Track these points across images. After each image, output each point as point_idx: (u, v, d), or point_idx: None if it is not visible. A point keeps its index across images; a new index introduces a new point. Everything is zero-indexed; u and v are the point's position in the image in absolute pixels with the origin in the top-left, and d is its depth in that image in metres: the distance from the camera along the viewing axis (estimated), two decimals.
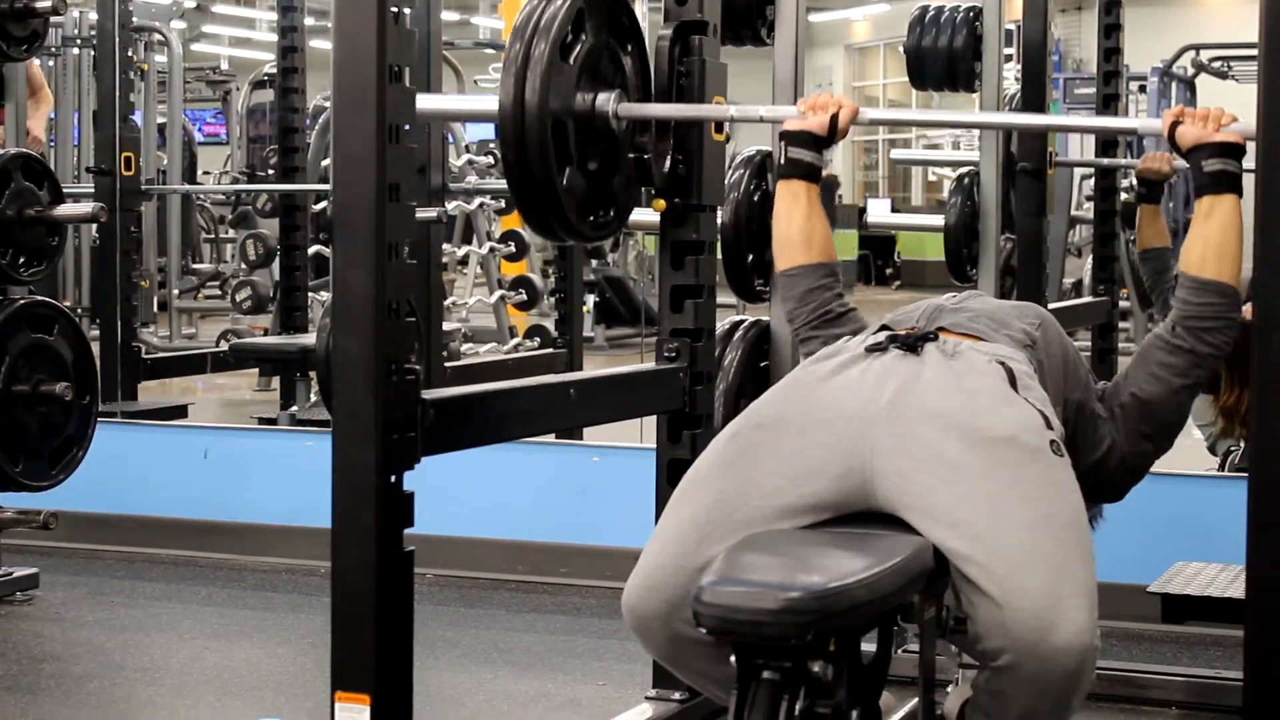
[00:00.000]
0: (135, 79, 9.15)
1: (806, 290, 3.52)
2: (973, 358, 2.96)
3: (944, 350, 2.97)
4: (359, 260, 2.88)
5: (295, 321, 8.39)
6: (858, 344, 3.04)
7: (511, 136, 3.40)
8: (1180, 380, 3.22)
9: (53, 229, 5.44)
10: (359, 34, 2.89)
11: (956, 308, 3.23)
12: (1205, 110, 3.21)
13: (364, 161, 2.88)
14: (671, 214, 3.89)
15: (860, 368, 2.95)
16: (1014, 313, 3.27)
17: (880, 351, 2.98)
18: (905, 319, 3.19)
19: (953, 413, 2.82)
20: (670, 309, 3.94)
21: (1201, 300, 3.18)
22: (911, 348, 2.97)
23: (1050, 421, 2.88)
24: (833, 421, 2.86)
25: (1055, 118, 5.95)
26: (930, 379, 2.89)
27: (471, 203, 10.44)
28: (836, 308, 3.51)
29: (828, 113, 3.51)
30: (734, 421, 3.00)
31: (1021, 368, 2.99)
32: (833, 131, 3.50)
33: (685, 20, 3.89)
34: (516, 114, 3.38)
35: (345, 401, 2.92)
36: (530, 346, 10.29)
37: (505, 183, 3.60)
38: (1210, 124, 3.18)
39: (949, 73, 5.99)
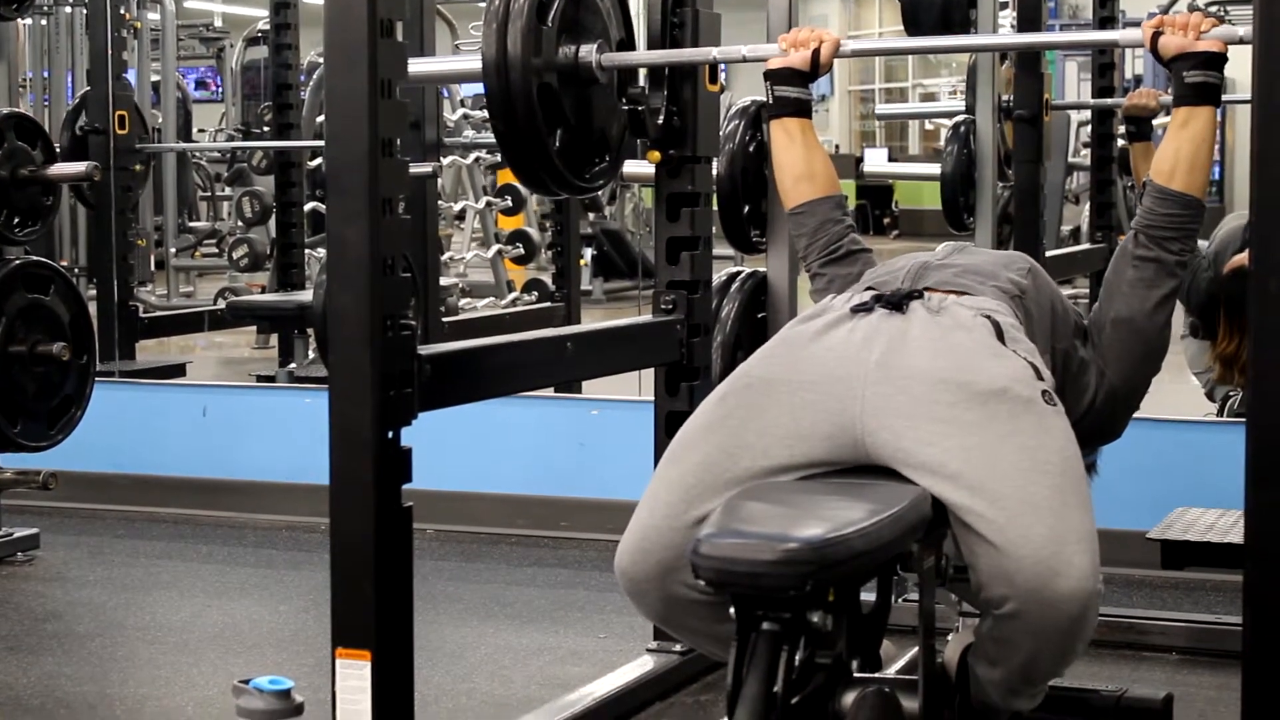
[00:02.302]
0: (128, 37, 9.11)
1: (818, 225, 3.51)
2: (958, 313, 2.94)
3: (929, 307, 2.95)
4: (353, 216, 2.87)
5: (292, 279, 8.37)
6: (843, 303, 3.02)
7: (497, 92, 3.40)
8: (1153, 291, 3.22)
9: (47, 188, 5.44)
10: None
11: (942, 264, 3.20)
12: (1185, 17, 3.19)
13: (356, 117, 2.87)
14: (667, 166, 3.89)
15: (847, 328, 2.94)
16: (1001, 263, 3.25)
17: (866, 311, 2.96)
18: (890, 278, 3.16)
19: (942, 369, 2.81)
20: (667, 261, 3.93)
21: (1167, 211, 3.18)
22: (897, 306, 2.95)
23: (1040, 372, 2.87)
24: (821, 382, 2.85)
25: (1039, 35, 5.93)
26: (917, 336, 2.88)
27: (467, 157, 10.42)
28: (848, 244, 3.49)
29: (809, 47, 3.50)
30: (723, 383, 2.98)
31: (1008, 320, 2.97)
32: (815, 65, 3.50)
33: None
34: (500, 69, 3.39)
35: (342, 358, 2.92)
36: (528, 301, 10.28)
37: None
38: (1191, 32, 3.16)
39: (945, 20, 5.96)
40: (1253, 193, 2.54)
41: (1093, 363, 3.25)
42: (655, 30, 3.85)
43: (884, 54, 19.21)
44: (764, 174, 4.33)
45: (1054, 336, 3.17)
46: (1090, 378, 3.24)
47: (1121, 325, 3.24)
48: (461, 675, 4.30)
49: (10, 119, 5.36)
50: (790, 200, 3.56)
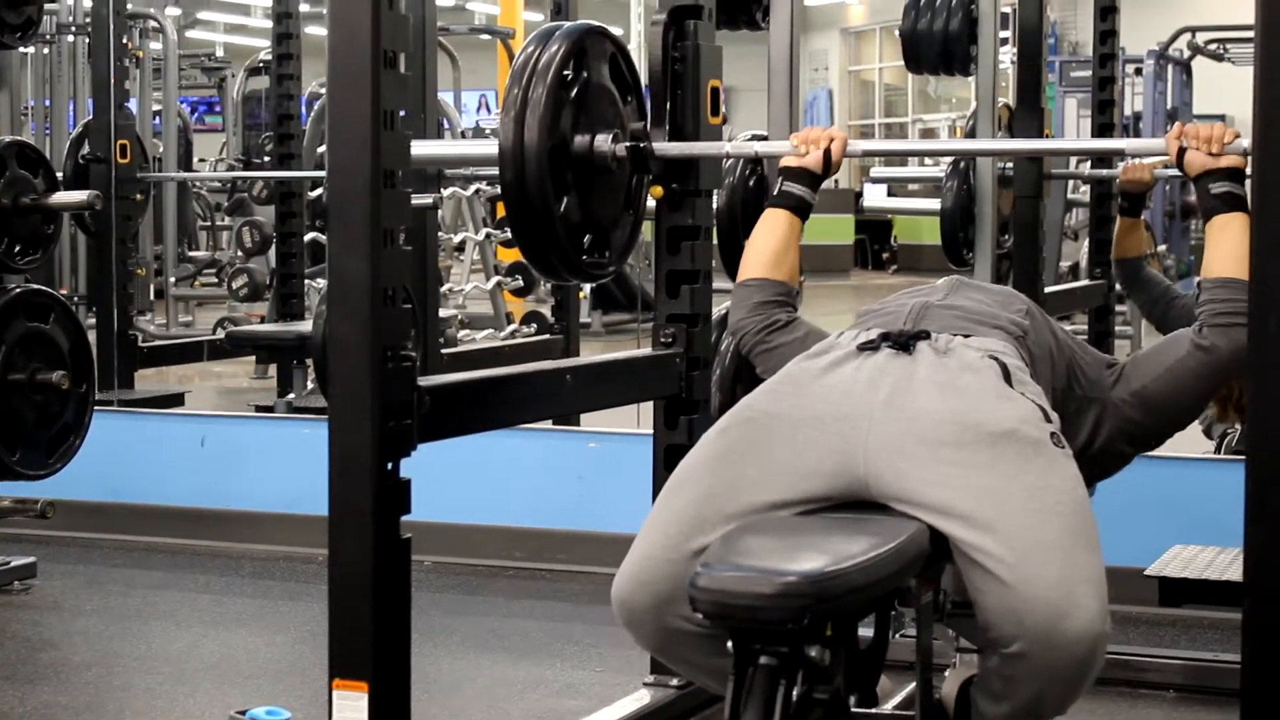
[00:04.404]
0: (130, 66, 9.14)
1: (760, 302, 3.51)
2: (965, 354, 2.94)
3: (936, 348, 2.96)
4: (354, 247, 2.88)
5: (292, 309, 8.38)
6: (850, 340, 3.03)
7: (512, 179, 3.43)
8: (1196, 382, 3.22)
9: (48, 217, 5.44)
10: (354, 19, 2.89)
11: (943, 305, 3.20)
12: (1208, 129, 3.25)
13: (359, 147, 2.88)
14: (668, 199, 3.89)
15: (853, 365, 2.94)
16: (1000, 304, 3.25)
17: (872, 349, 2.96)
18: (893, 319, 3.16)
19: (950, 410, 2.81)
20: (667, 294, 3.94)
21: (1229, 295, 3.15)
22: (904, 346, 2.95)
23: (1048, 414, 2.88)
24: (825, 419, 2.85)
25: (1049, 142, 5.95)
26: (924, 377, 2.88)
27: (467, 189, 10.43)
28: (783, 316, 3.49)
29: (820, 148, 3.53)
30: (725, 416, 2.99)
31: (1015, 362, 2.98)
32: (827, 165, 3.53)
33: (679, 4, 3.89)
34: (517, 158, 3.41)
35: (342, 388, 2.92)
36: (527, 332, 10.28)
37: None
38: (1214, 145, 3.21)
39: (945, 56, 6.00)
40: (1253, 230, 2.55)
41: (1096, 404, 3.25)
42: (656, 65, 3.85)
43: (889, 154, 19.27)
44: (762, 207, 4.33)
45: (1054, 377, 3.18)
46: (1089, 419, 3.24)
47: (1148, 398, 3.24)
48: (458, 708, 4.29)
49: (12, 147, 5.37)
50: (746, 272, 3.56)
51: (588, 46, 3.59)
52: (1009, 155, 5.67)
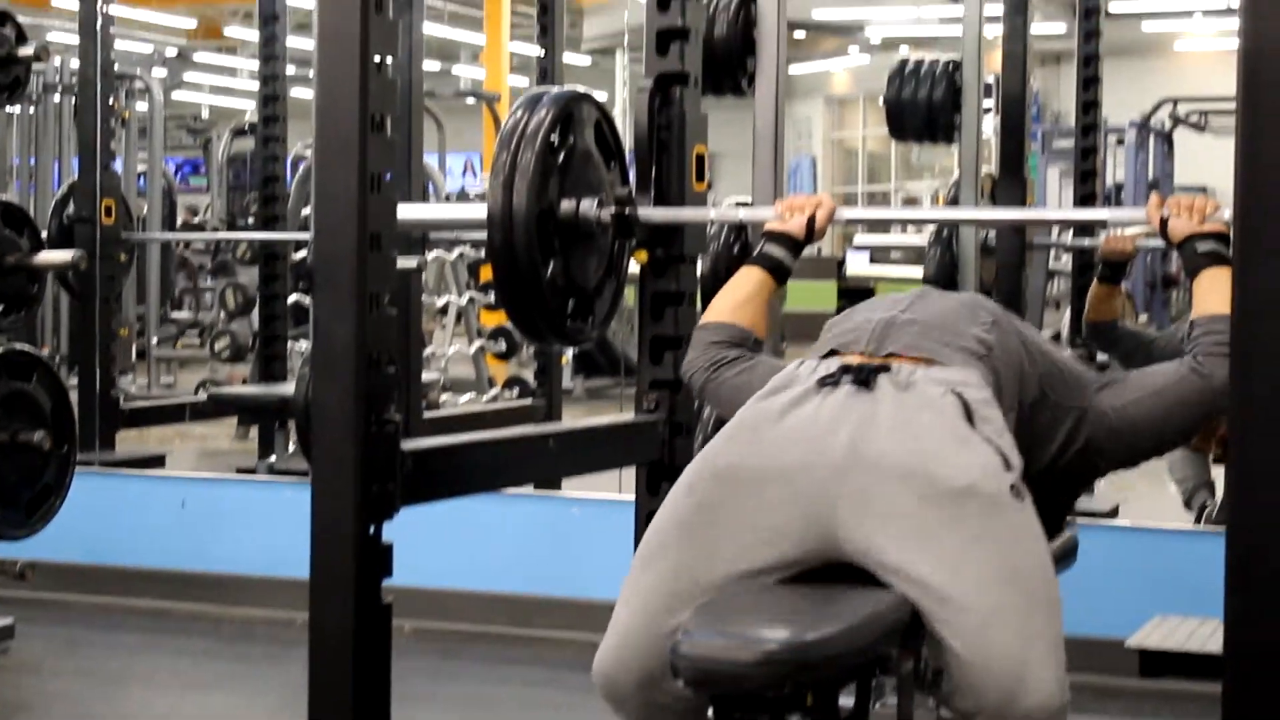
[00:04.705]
0: (116, 126, 9.16)
1: (711, 342, 3.44)
2: (927, 390, 2.91)
3: (897, 382, 2.93)
4: (340, 310, 2.88)
5: (274, 371, 8.37)
6: (809, 374, 2.99)
7: (500, 243, 3.45)
8: (1186, 409, 3.20)
9: (33, 276, 5.44)
10: (341, 83, 2.91)
11: (907, 321, 3.17)
12: (1190, 199, 3.27)
13: (346, 211, 2.89)
14: (653, 265, 3.90)
15: (813, 405, 2.90)
16: (964, 314, 3.20)
17: (832, 385, 2.94)
18: (854, 338, 3.13)
19: (910, 462, 2.79)
20: (650, 360, 3.94)
21: (1222, 328, 3.13)
22: (864, 382, 2.93)
23: (1009, 459, 2.85)
24: (791, 471, 2.81)
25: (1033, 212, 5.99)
26: (885, 421, 2.85)
27: (451, 252, 10.45)
28: (732, 354, 3.40)
29: (805, 214, 3.53)
30: (689, 470, 2.94)
31: (977, 395, 2.94)
32: (810, 232, 3.52)
33: (666, 71, 3.91)
34: (505, 222, 3.44)
35: (325, 451, 2.92)
36: (509, 397, 10.28)
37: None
38: (1196, 215, 3.23)
39: (929, 124, 6.03)
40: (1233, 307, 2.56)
41: (1073, 412, 3.21)
42: (642, 131, 3.87)
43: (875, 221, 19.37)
44: None
45: (1022, 391, 3.14)
46: (1064, 427, 3.20)
47: (1134, 420, 3.21)
48: None
49: None
50: (706, 317, 3.50)
51: (574, 113, 3.62)
52: (994, 224, 5.69)
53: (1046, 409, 3.17)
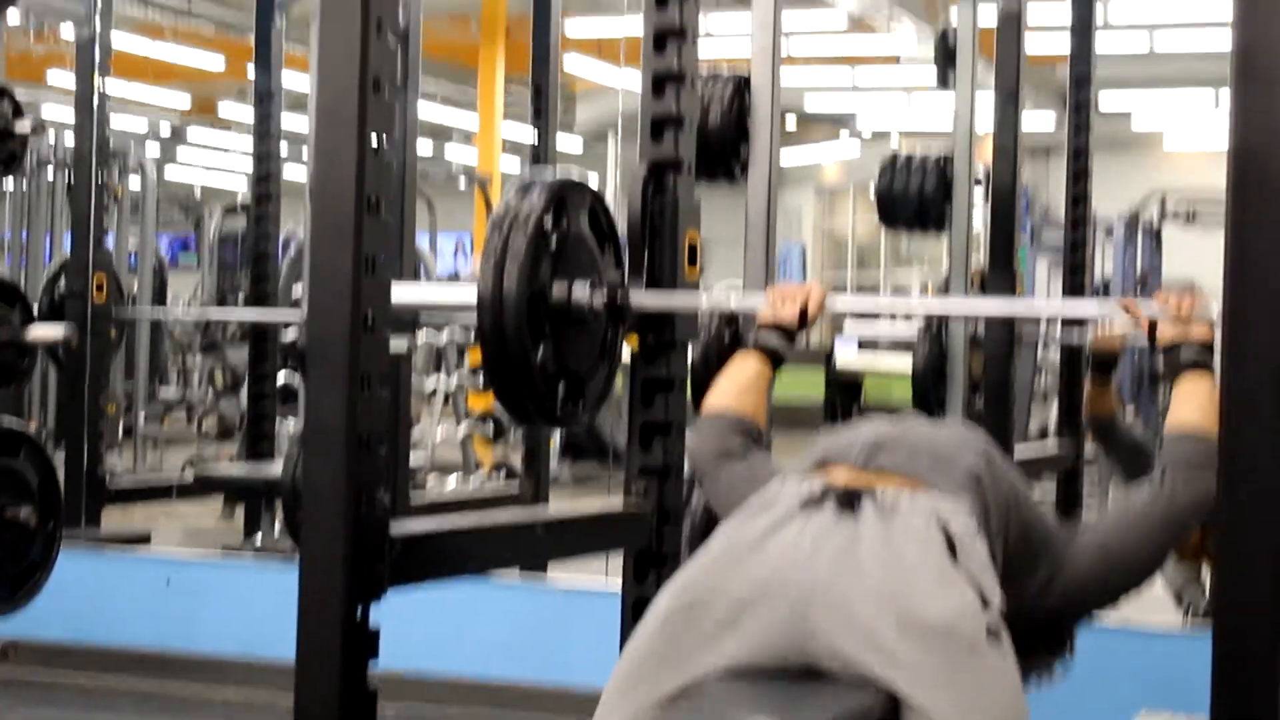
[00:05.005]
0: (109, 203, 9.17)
1: (715, 431, 3.47)
2: (911, 520, 2.89)
3: (881, 508, 2.91)
4: (332, 390, 2.88)
5: (262, 450, 8.35)
6: (792, 495, 2.97)
7: (491, 326, 3.45)
8: (1155, 533, 3.21)
9: (23, 351, 5.44)
10: (338, 163, 2.91)
11: (898, 441, 3.17)
12: (1176, 300, 3.29)
13: (340, 291, 2.89)
14: (644, 350, 3.91)
15: (795, 528, 2.88)
16: (957, 446, 3.20)
17: (815, 507, 2.92)
18: (845, 452, 3.13)
19: (889, 590, 2.76)
20: (639, 446, 3.94)
21: (1191, 447, 3.17)
22: (849, 505, 2.91)
23: (987, 597, 2.83)
24: (769, 596, 2.77)
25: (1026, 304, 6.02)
26: (867, 550, 2.82)
27: (441, 334, 10.45)
28: (738, 444, 3.42)
29: (797, 304, 3.54)
30: (665, 596, 2.91)
31: (962, 527, 2.93)
32: (803, 321, 3.54)
33: (659, 157, 3.93)
34: (495, 305, 3.44)
35: (314, 531, 2.91)
36: (496, 480, 10.26)
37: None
38: (1184, 319, 3.26)
39: (919, 215, 6.06)
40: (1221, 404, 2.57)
41: (1048, 562, 3.21)
42: (635, 217, 3.88)
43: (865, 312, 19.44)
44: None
45: (1007, 527, 3.14)
46: (1041, 574, 3.20)
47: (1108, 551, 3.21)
48: None
49: None
50: (710, 405, 3.51)
51: (567, 197, 3.63)
52: (986, 316, 5.71)
53: (1029, 549, 3.16)
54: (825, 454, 3.13)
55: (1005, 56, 6.36)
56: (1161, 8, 17.32)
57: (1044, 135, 19.57)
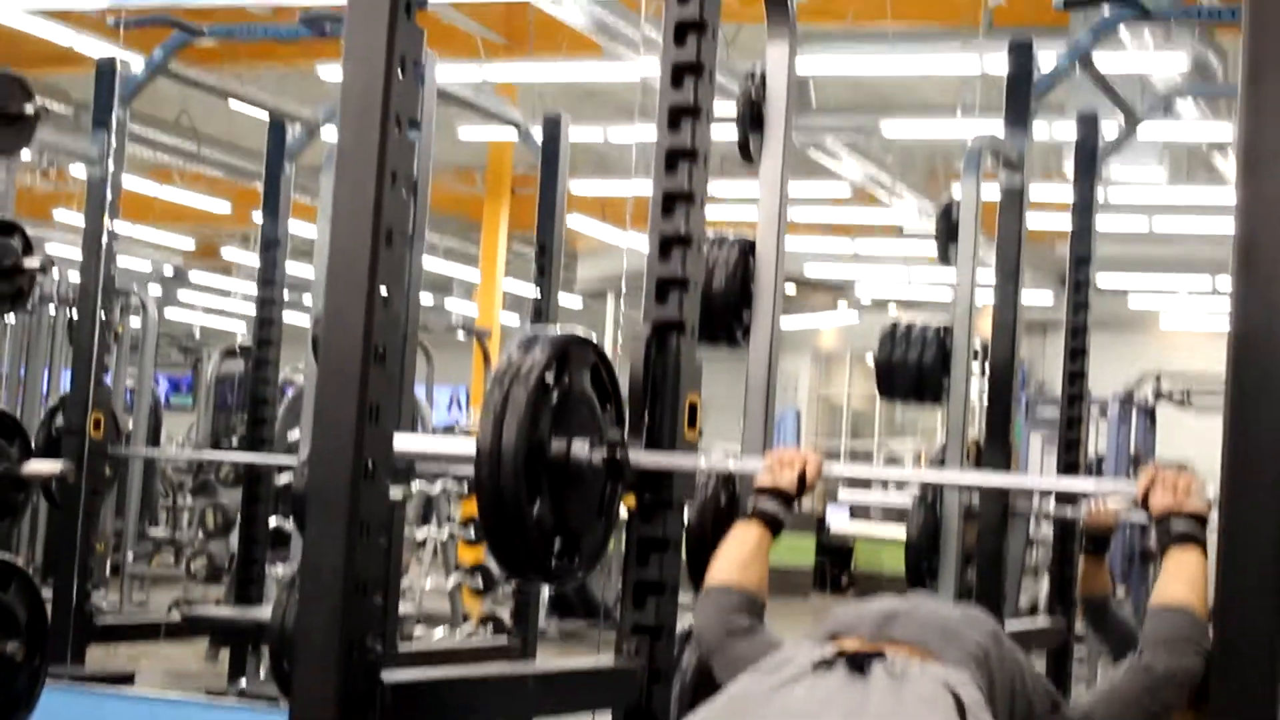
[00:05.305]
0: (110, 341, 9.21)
1: (722, 607, 3.51)
2: (921, 685, 2.91)
3: (891, 672, 2.92)
4: (331, 536, 2.90)
5: (250, 593, 8.33)
6: (805, 657, 3.00)
7: (488, 479, 3.45)
8: (1137, 706, 3.22)
9: (19, 485, 5.44)
10: (348, 312, 2.95)
11: (908, 614, 3.20)
12: (1174, 476, 3.33)
13: (344, 438, 2.91)
14: (641, 509, 3.92)
15: (805, 686, 2.90)
16: (966, 623, 3.25)
17: (827, 669, 2.94)
18: (855, 624, 3.16)
19: None
20: (633, 604, 3.94)
21: (1171, 622, 3.19)
22: (859, 668, 2.93)
23: None
24: None
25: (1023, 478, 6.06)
26: (876, 710, 2.84)
27: (434, 485, 10.46)
28: (744, 622, 3.48)
29: (795, 470, 3.60)
30: None
31: (971, 695, 2.95)
32: (801, 487, 3.58)
33: (663, 318, 3.96)
34: (493, 459, 3.44)
35: (306, 674, 2.91)
36: (484, 633, 10.22)
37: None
38: (1179, 493, 3.29)
39: (917, 386, 6.09)
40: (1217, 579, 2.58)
41: None
42: (637, 376, 3.91)
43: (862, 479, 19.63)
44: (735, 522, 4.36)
45: (1013, 702, 3.16)
46: None
47: None
48: None
49: None
50: (712, 578, 3.56)
51: (570, 353, 3.65)
52: (981, 488, 5.73)
53: None
54: (835, 627, 3.16)
55: (1007, 232, 6.43)
56: (1161, 192, 17.50)
57: (1041, 310, 19.71)
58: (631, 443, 3.80)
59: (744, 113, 4.60)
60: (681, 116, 4.00)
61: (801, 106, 14.64)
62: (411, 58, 3.06)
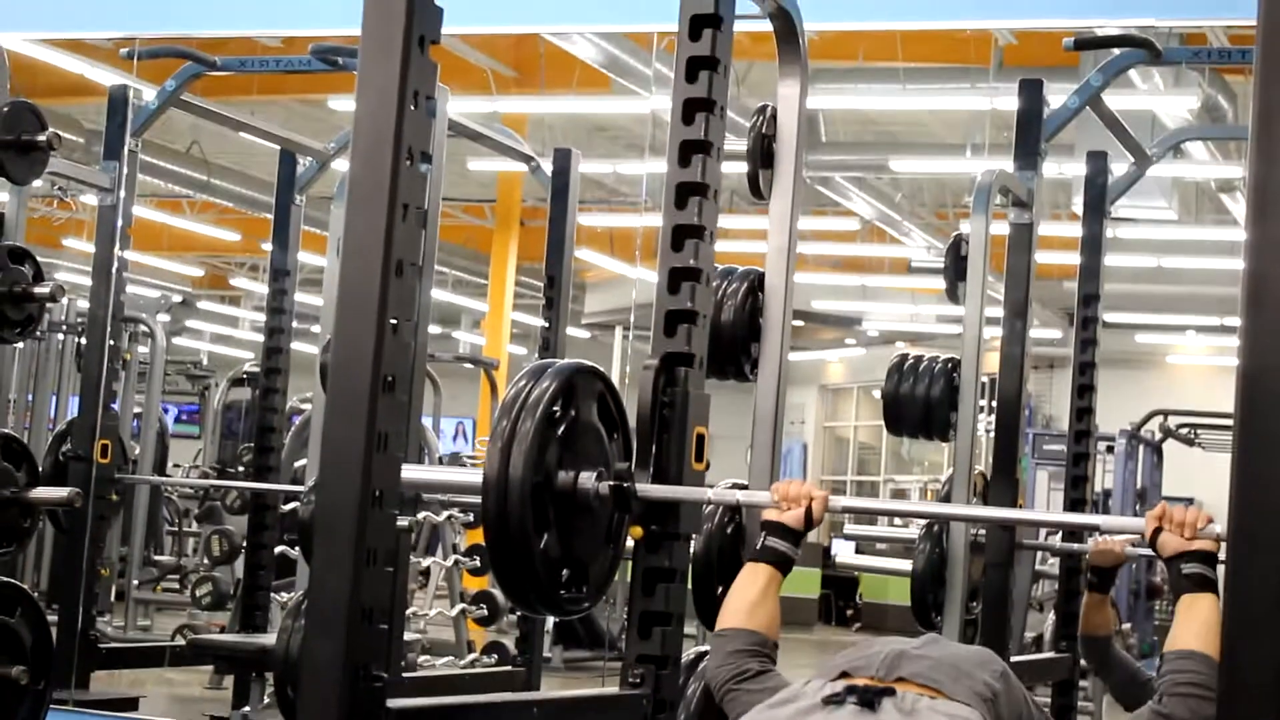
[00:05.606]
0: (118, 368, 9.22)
1: (734, 651, 3.55)
2: (930, 719, 2.93)
3: (901, 708, 2.94)
4: (338, 563, 2.91)
5: (255, 620, 8.33)
6: (815, 691, 3.01)
7: (494, 510, 3.47)
8: None
9: (26, 510, 5.45)
10: (358, 342, 2.97)
11: (918, 654, 3.22)
12: (1183, 512, 3.33)
13: (352, 466, 2.93)
14: (647, 541, 3.93)
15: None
16: (974, 662, 3.26)
17: (837, 704, 2.95)
18: (865, 664, 3.18)
19: None
20: (639, 635, 3.94)
21: (1188, 667, 3.20)
22: (869, 703, 2.94)
23: None
24: None
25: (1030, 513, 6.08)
26: None
27: (440, 514, 10.45)
28: (755, 666, 3.52)
29: (802, 505, 3.63)
30: None
31: None
32: (808, 522, 3.60)
33: (671, 351, 3.97)
34: (500, 489, 3.46)
35: (311, 701, 2.92)
36: (488, 662, 10.20)
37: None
38: (1188, 530, 3.28)
39: (925, 420, 6.10)
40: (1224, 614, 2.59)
41: None
42: (645, 408, 3.92)
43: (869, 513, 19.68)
44: (739, 556, 4.37)
45: None
46: None
47: None
48: None
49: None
50: (724, 622, 3.61)
51: (578, 384, 3.67)
52: (989, 523, 5.74)
53: None
54: (845, 665, 3.17)
55: (1015, 269, 6.44)
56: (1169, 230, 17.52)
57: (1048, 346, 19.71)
58: (639, 474, 3.81)
59: (755, 149, 4.62)
60: (692, 152, 4.02)
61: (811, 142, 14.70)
62: (424, 92, 3.08)
